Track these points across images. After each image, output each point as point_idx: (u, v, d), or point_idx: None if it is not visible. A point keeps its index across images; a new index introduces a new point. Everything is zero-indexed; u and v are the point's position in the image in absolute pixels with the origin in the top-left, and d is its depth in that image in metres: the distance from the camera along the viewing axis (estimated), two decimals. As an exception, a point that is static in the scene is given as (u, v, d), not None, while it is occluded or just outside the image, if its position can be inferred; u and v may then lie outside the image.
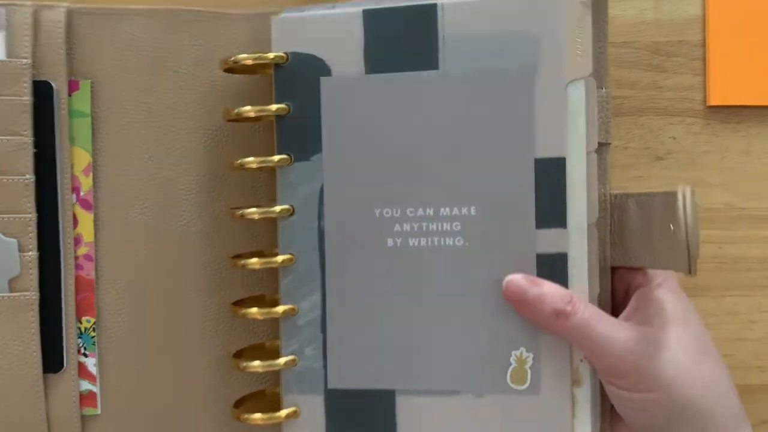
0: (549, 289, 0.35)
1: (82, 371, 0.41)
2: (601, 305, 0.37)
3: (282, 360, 0.38)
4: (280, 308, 0.38)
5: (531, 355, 0.36)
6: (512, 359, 0.36)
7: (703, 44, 0.44)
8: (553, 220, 0.36)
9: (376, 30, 0.37)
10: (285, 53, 0.38)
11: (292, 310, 0.38)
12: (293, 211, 0.38)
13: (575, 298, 0.35)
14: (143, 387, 0.42)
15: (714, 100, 0.44)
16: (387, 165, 0.37)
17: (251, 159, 0.38)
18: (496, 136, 0.36)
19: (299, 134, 0.38)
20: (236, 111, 0.38)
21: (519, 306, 0.36)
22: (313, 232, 0.38)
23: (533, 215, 0.36)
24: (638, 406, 0.35)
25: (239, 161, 0.38)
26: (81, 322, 0.41)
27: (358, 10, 0.37)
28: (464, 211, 0.36)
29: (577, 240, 0.35)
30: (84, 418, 0.41)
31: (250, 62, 0.38)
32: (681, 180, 0.45)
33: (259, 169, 0.39)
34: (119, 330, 0.41)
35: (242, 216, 0.38)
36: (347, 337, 0.38)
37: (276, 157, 0.38)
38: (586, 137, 0.35)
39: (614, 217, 0.38)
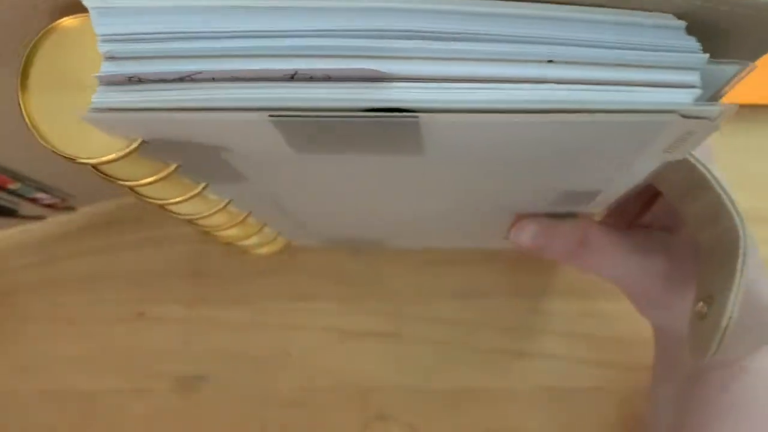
0: (560, 238, 0.33)
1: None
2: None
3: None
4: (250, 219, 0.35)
5: None
6: None
7: (710, 41, 0.44)
8: (575, 207, 0.32)
9: (301, 132, 0.21)
10: (139, 142, 0.23)
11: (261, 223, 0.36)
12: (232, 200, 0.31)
13: (589, 232, 0.33)
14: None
15: (720, 99, 0.43)
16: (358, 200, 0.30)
17: (175, 200, 0.29)
18: (509, 185, 0.28)
19: (207, 174, 0.27)
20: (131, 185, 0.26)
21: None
22: (271, 205, 0.32)
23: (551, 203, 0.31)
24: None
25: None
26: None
27: (257, 116, 0.20)
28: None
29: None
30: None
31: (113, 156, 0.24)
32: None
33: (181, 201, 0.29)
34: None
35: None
36: (323, 222, 0.37)
37: (197, 189, 0.29)
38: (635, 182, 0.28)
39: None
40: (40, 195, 0.39)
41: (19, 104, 0.23)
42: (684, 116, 0.19)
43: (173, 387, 0.45)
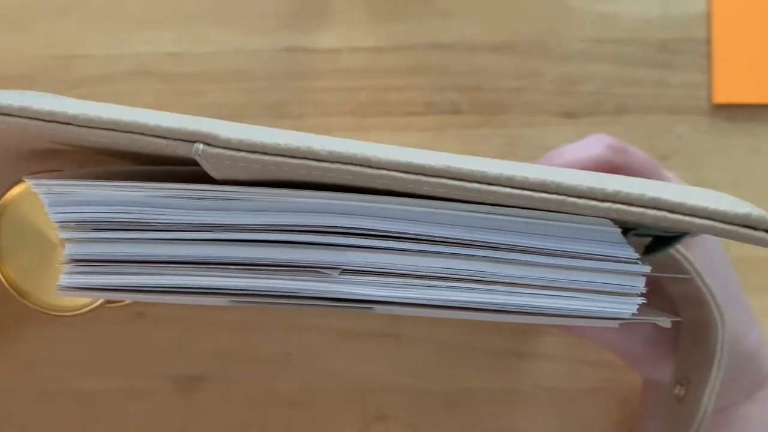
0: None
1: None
2: None
3: None
4: None
5: None
6: None
7: (709, 41, 0.43)
8: None
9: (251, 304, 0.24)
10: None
11: None
12: None
13: None
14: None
15: (719, 98, 0.43)
16: None
17: None
18: None
19: None
20: None
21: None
22: None
23: None
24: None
25: None
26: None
27: (217, 301, 0.23)
28: None
29: None
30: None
31: None
32: (687, 179, 0.44)
33: None
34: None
35: None
36: None
37: None
38: None
39: None
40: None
41: None
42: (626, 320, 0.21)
43: (173, 387, 0.45)
